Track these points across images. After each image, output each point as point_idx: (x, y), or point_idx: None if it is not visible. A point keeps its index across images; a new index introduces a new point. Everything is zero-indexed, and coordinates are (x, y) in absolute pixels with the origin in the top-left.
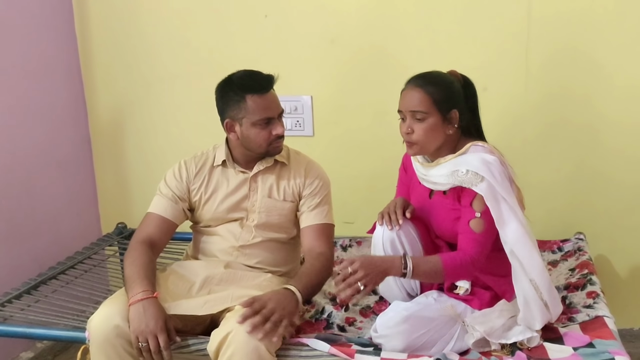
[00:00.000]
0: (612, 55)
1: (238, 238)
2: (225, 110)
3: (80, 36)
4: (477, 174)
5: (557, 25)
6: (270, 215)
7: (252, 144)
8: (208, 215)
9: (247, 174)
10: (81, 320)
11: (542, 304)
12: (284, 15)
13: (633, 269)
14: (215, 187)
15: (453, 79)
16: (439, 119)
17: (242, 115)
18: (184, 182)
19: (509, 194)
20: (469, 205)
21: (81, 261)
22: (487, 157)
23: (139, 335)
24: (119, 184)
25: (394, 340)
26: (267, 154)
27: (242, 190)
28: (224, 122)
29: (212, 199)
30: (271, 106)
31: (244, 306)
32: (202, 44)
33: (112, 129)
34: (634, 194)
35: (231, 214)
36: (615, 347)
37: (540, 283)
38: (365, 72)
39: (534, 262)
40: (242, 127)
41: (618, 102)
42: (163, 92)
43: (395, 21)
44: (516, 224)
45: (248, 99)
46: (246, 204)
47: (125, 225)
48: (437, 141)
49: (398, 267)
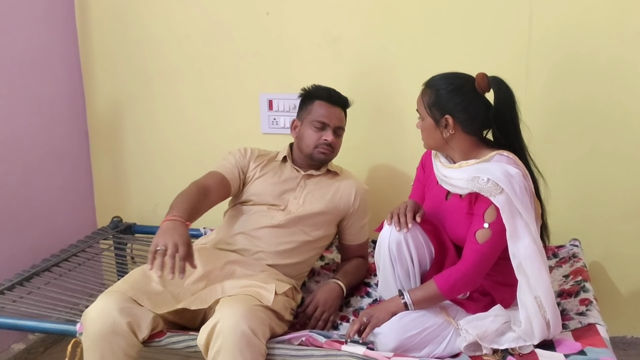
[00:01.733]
0: (613, 59)
1: (273, 218)
2: (298, 112)
3: (81, 29)
4: (497, 184)
5: (558, 29)
6: (305, 214)
7: (303, 143)
8: (254, 190)
9: (299, 172)
10: (74, 313)
11: (544, 322)
12: (285, 14)
13: (627, 276)
14: (269, 171)
15: (459, 85)
16: (430, 122)
17: (305, 116)
18: (247, 157)
19: (526, 209)
20: (481, 214)
21: (75, 254)
22: (511, 169)
23: (159, 241)
24: (116, 178)
25: (387, 339)
26: (311, 157)
27: (290, 183)
28: (292, 121)
29: (262, 178)
30: (331, 116)
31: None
32: (202, 40)
33: (110, 123)
34: (630, 201)
35: (274, 199)
36: (607, 355)
37: (545, 301)
38: (366, 71)
39: (542, 280)
40: (301, 126)
41: (618, 107)
42: (162, 87)
43: (396, 21)
44: (529, 240)
45: (316, 103)
46: (289, 196)
47: (120, 219)
48: (436, 142)
49: (397, 300)
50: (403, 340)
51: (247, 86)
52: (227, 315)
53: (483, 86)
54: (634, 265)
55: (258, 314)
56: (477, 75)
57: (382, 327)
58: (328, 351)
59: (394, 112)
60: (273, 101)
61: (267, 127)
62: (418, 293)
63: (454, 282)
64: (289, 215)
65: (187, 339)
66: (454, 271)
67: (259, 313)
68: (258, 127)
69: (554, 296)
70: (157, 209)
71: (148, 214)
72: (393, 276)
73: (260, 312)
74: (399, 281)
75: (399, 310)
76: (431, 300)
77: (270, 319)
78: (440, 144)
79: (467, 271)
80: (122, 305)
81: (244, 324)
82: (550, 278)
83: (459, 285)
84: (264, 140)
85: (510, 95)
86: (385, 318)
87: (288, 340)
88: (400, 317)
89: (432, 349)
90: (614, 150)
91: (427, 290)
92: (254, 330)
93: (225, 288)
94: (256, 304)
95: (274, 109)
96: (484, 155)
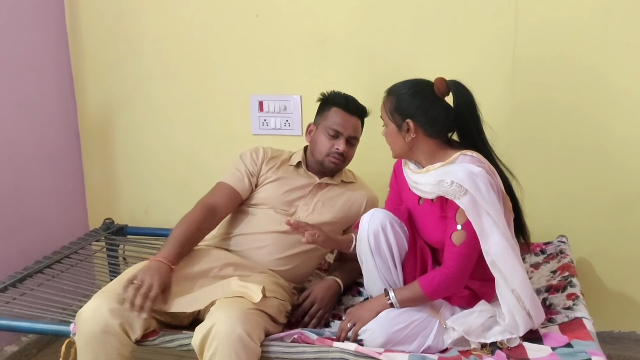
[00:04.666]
0: (597, 60)
1: (281, 224)
2: (315, 116)
3: (71, 31)
4: (461, 186)
5: (543, 30)
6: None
7: (316, 148)
8: (265, 194)
9: (314, 179)
10: (67, 314)
11: (524, 313)
12: (275, 15)
13: (614, 272)
14: (282, 176)
15: (417, 90)
16: (394, 128)
17: (320, 122)
18: (259, 160)
19: (493, 207)
20: (453, 217)
21: (68, 255)
22: (474, 168)
23: (139, 275)
24: (107, 180)
25: (375, 335)
26: (323, 164)
27: (303, 190)
28: (308, 125)
29: (275, 183)
30: (346, 125)
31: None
32: (192, 42)
33: (101, 125)
34: (616, 198)
35: (284, 204)
36: (593, 347)
37: (523, 293)
38: (355, 73)
39: (516, 274)
40: (316, 131)
41: (602, 106)
42: (153, 90)
43: (385, 23)
44: (499, 237)
45: (332, 110)
46: (300, 202)
47: (112, 221)
48: (400, 147)
49: (383, 300)
50: (391, 334)
51: (238, 87)
52: (222, 318)
53: (442, 90)
54: (620, 262)
55: (253, 317)
56: (435, 79)
57: (369, 323)
58: (320, 348)
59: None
60: (264, 102)
61: (258, 129)
62: (404, 293)
63: (437, 285)
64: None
65: (181, 338)
66: (438, 274)
67: (254, 316)
68: (249, 128)
69: (531, 286)
70: (149, 211)
71: (139, 215)
72: (375, 268)
73: (255, 316)
74: (381, 273)
75: (385, 309)
76: (416, 300)
77: (265, 322)
78: (404, 150)
79: (450, 274)
80: (114, 306)
81: (239, 327)
82: (524, 270)
83: (443, 287)
84: (254, 141)
85: (468, 97)
86: (370, 317)
87: (280, 338)
88: (387, 312)
89: (421, 342)
90: (599, 148)
91: (412, 291)
92: (249, 334)
93: (221, 289)
94: (251, 307)
95: (264, 110)
96: (449, 157)
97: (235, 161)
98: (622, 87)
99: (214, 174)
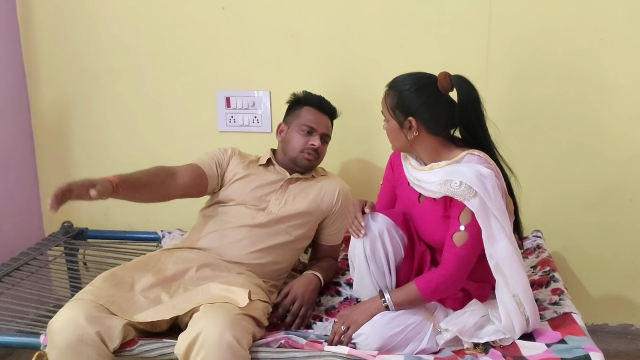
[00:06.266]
0: (571, 55)
1: (254, 217)
2: (285, 117)
3: (23, 25)
4: (470, 187)
5: (517, 24)
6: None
7: (289, 146)
8: (234, 190)
9: (284, 174)
10: (33, 325)
11: (523, 319)
12: (242, 8)
13: (587, 265)
14: (251, 172)
15: (421, 85)
16: (395, 125)
17: (292, 120)
18: (227, 155)
19: (500, 210)
20: (457, 217)
21: (27, 262)
22: (482, 169)
23: None
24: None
25: (370, 339)
26: (296, 161)
27: (274, 186)
28: (278, 125)
29: (245, 180)
30: (319, 123)
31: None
32: (155, 36)
33: (56, 124)
34: (587, 192)
35: (255, 200)
36: (587, 343)
37: (524, 299)
38: (326, 67)
39: (520, 279)
40: (288, 130)
41: (575, 101)
42: (112, 85)
43: (356, 17)
44: (506, 242)
45: (304, 109)
46: (271, 197)
47: (71, 224)
48: (401, 144)
49: (378, 302)
50: (386, 339)
51: (203, 83)
52: (210, 325)
53: (446, 85)
54: (592, 255)
55: (241, 322)
56: (439, 74)
57: (364, 327)
58: (311, 352)
59: (358, 108)
60: (231, 98)
61: (225, 125)
62: (399, 295)
63: (435, 286)
64: (270, 215)
65: (162, 347)
66: (435, 275)
67: (242, 322)
68: (215, 125)
69: (532, 293)
70: (109, 213)
71: (99, 218)
72: (368, 274)
73: (243, 321)
74: (374, 279)
75: (380, 311)
76: (412, 302)
77: (252, 327)
78: (406, 146)
79: (448, 275)
80: (91, 314)
81: (228, 334)
82: (526, 276)
83: (440, 289)
84: (221, 139)
85: (473, 93)
86: (364, 320)
87: (267, 343)
88: (382, 316)
89: (415, 346)
90: (571, 143)
91: (408, 292)
92: (239, 341)
93: (202, 294)
94: (238, 312)
95: (231, 107)
96: (454, 156)
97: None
98: (595, 82)
99: None
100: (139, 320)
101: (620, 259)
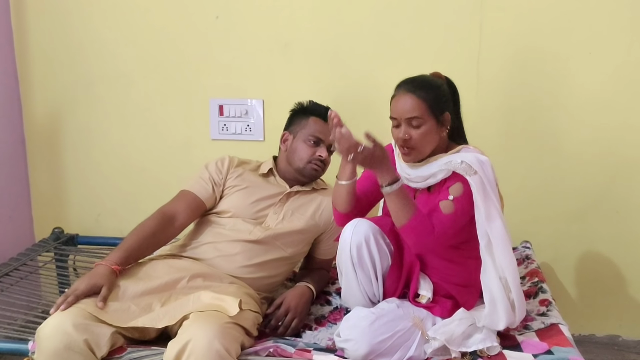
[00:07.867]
0: (560, 66)
1: (250, 233)
2: (288, 125)
3: (17, 29)
4: (471, 166)
5: (507, 36)
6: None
7: (295, 156)
8: (232, 202)
9: (284, 188)
10: (22, 331)
11: (508, 303)
12: (236, 17)
13: (575, 276)
14: (251, 184)
15: (440, 82)
16: (434, 123)
17: (298, 130)
18: (224, 169)
19: (495, 196)
20: (447, 188)
21: (17, 268)
22: (481, 157)
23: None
24: (55, 187)
25: (358, 345)
26: (302, 171)
27: (273, 199)
28: (282, 134)
29: (243, 191)
30: (327, 133)
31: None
32: (149, 43)
33: (48, 129)
34: (575, 203)
35: (253, 213)
36: (574, 354)
37: (511, 281)
38: (318, 76)
39: (509, 261)
40: (293, 140)
41: (564, 112)
42: (105, 91)
43: (348, 27)
44: (500, 223)
45: (311, 119)
46: (269, 210)
47: (62, 230)
48: (433, 145)
49: (392, 172)
50: (374, 345)
51: (196, 91)
52: (199, 333)
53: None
54: (580, 266)
55: (231, 331)
56: (433, 73)
57: (353, 333)
58: None
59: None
60: (224, 106)
61: (217, 133)
62: (403, 193)
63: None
64: (267, 231)
65: (150, 354)
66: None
67: (232, 331)
68: (207, 133)
69: (519, 279)
70: (100, 219)
71: (90, 224)
72: (355, 281)
73: (232, 330)
74: (361, 285)
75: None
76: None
77: (241, 336)
78: (437, 147)
79: (435, 231)
80: (79, 322)
81: (217, 343)
82: (515, 260)
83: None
84: (213, 147)
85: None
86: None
87: (256, 352)
88: (371, 322)
89: (403, 354)
90: (560, 153)
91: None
92: (227, 350)
93: (193, 302)
94: (227, 321)
95: (224, 115)
96: (451, 149)
97: (199, 170)
98: (584, 95)
99: (171, 180)
100: (130, 325)
101: (607, 270)
